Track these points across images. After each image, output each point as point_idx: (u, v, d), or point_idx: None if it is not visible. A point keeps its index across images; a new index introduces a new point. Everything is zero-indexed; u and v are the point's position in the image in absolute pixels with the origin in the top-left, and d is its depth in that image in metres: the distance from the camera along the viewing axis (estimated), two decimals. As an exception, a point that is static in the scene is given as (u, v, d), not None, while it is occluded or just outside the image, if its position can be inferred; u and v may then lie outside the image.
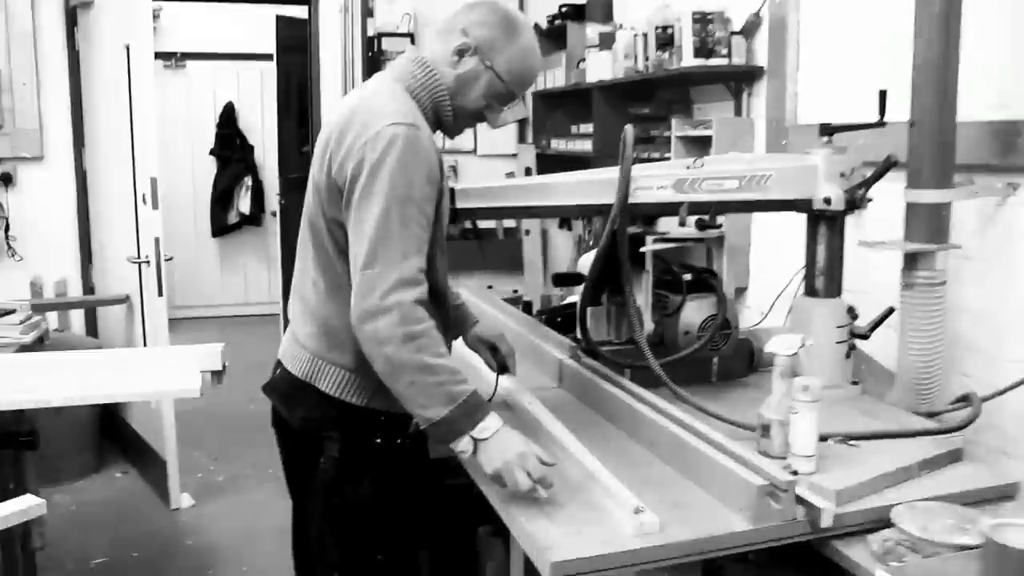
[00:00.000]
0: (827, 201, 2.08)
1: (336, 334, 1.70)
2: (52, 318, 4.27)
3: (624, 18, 3.93)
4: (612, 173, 1.98)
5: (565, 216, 4.10)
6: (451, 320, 1.89)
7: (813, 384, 1.67)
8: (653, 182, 2.04)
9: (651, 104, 3.77)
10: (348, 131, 1.64)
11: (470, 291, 2.93)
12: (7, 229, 4.32)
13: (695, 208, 2.07)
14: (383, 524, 1.76)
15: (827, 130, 2.14)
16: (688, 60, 3.13)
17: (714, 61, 3.12)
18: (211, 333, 6.10)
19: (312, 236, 1.75)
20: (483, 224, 4.33)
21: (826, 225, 2.14)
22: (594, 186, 2.01)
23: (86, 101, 4.43)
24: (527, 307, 3.50)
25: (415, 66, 1.74)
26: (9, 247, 4.34)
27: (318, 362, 1.74)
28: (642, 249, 2.16)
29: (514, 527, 1.52)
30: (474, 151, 5.18)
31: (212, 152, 7.60)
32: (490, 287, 4.30)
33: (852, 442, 1.81)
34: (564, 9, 4.39)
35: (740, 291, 3.23)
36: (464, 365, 1.87)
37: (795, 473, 1.60)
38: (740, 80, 3.19)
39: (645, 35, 3.41)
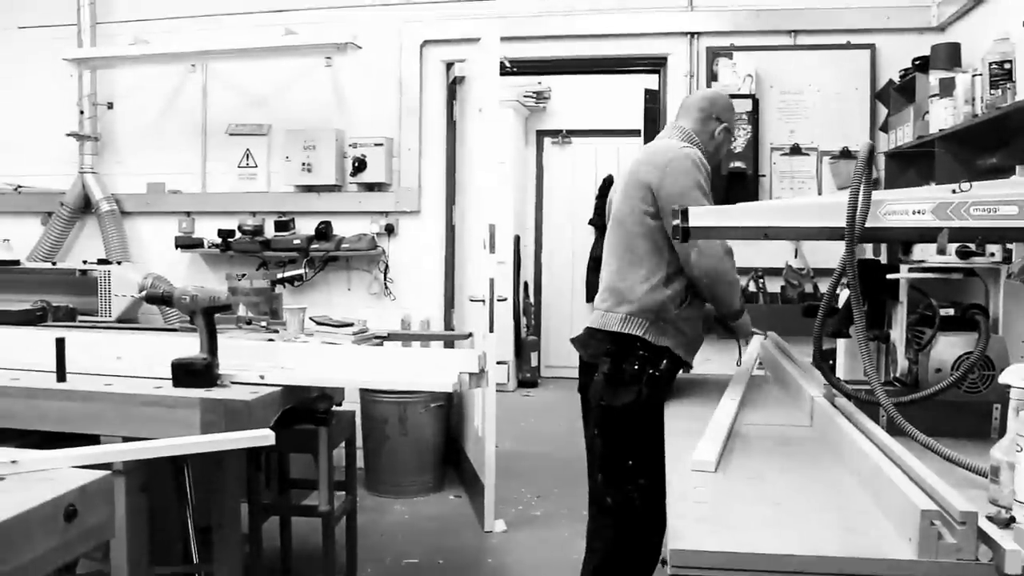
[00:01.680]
0: None
1: (620, 293, 2.63)
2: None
3: (974, 61, 3.62)
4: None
5: (805, 238, 3.91)
6: None
7: (1044, 419, 1.44)
8: (908, 206, 1.90)
9: (1000, 153, 3.40)
10: (653, 158, 2.65)
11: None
12: (387, 272, 5.09)
13: (964, 236, 1.89)
14: (636, 433, 2.51)
15: None
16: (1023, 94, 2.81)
17: (1058, 95, 2.77)
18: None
19: (619, 238, 2.69)
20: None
21: None
22: (833, 209, 1.93)
23: (458, 163, 5.10)
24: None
25: (686, 134, 2.74)
26: (387, 288, 5.09)
27: (607, 314, 2.65)
28: (890, 276, 2.00)
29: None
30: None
31: (591, 222, 8.13)
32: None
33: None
34: (916, 62, 4.13)
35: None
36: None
37: (1012, 519, 1.40)
38: (1094, 117, 2.79)
39: (981, 75, 3.12)
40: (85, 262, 4.95)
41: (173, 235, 5.26)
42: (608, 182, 8.22)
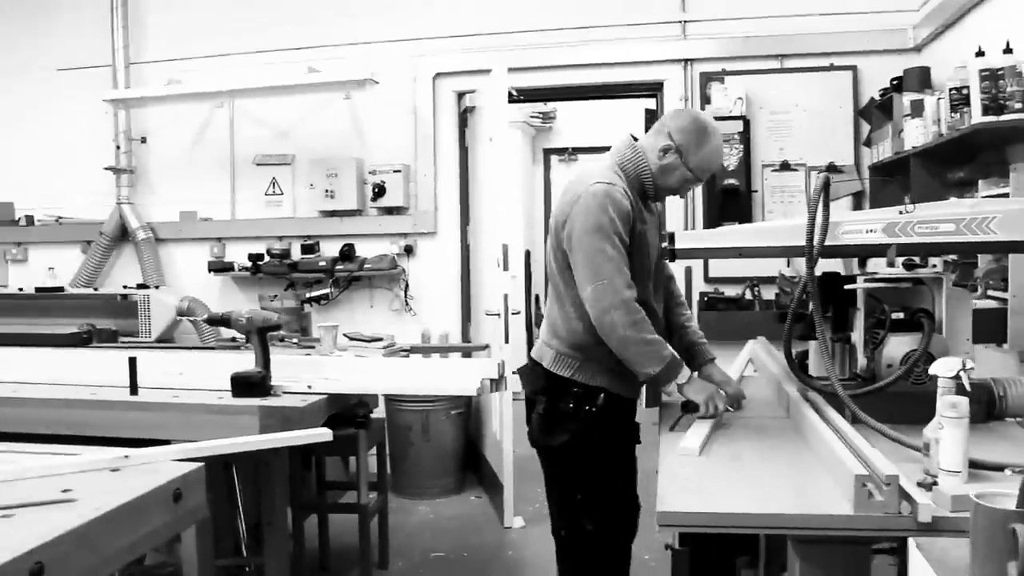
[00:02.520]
0: (1061, 244, 2.12)
1: (552, 327, 2.53)
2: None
3: (948, 81, 3.96)
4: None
5: (774, 256, 4.09)
6: (684, 353, 2.57)
7: (960, 402, 1.78)
8: (862, 226, 2.26)
9: (967, 168, 3.74)
10: (568, 192, 2.46)
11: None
12: (407, 290, 5.46)
13: (911, 250, 2.24)
14: (579, 471, 2.49)
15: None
16: (977, 118, 3.15)
17: (1007, 117, 3.11)
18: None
19: (557, 274, 2.52)
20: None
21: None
22: (796, 231, 2.28)
23: (471, 186, 5.47)
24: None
25: (628, 149, 2.51)
26: (407, 304, 5.46)
27: (543, 346, 2.56)
28: (847, 287, 2.34)
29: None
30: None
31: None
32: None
33: (1032, 473, 1.85)
34: (894, 81, 4.48)
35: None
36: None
37: (935, 483, 1.74)
38: (1041, 136, 3.12)
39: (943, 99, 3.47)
40: (125, 287, 5.34)
41: (205, 260, 5.63)
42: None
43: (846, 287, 2.36)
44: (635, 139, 2.54)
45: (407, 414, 4.95)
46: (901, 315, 2.32)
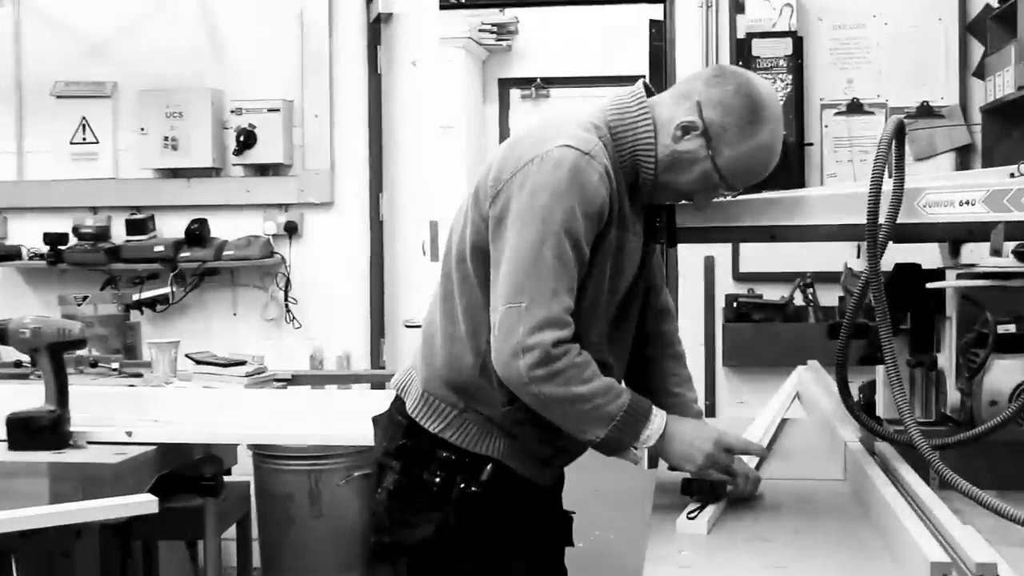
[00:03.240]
0: None
1: (433, 349, 2.34)
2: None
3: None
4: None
5: (822, 239, 4.17)
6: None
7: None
8: (953, 196, 2.30)
9: None
10: (515, 148, 2.22)
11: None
12: (287, 289, 5.45)
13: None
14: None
15: None
16: None
17: None
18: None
19: (451, 275, 2.33)
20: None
21: None
22: (854, 201, 2.31)
23: (387, 134, 5.46)
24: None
25: (633, 104, 2.25)
26: (288, 311, 5.45)
27: (409, 377, 2.41)
28: (930, 286, 2.38)
29: None
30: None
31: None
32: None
33: None
34: (1018, -17, 4.56)
35: None
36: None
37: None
38: None
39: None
40: None
41: (-25, 243, 5.59)
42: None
43: (929, 286, 2.39)
44: (650, 92, 2.32)
45: (286, 476, 4.92)
46: (1012, 328, 2.36)
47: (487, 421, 2.29)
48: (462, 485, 2.28)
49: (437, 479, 2.29)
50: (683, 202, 2.34)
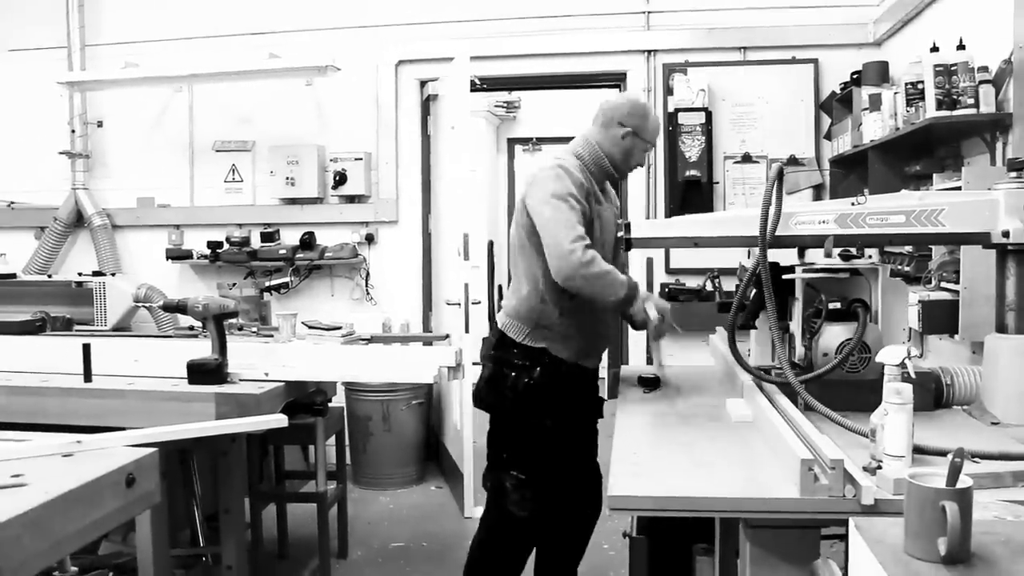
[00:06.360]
0: (1006, 235, 2.19)
1: (513, 297, 2.84)
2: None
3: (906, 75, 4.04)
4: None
5: (729, 246, 4.20)
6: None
7: (904, 389, 1.84)
8: (815, 216, 2.32)
9: (924, 162, 3.83)
10: (529, 176, 2.83)
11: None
12: (367, 278, 5.47)
13: (848, 242, 2.31)
14: (512, 432, 2.81)
15: (1015, 165, 2.24)
16: (931, 112, 3.23)
17: (960, 112, 3.19)
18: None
19: (514, 252, 2.84)
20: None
21: (1014, 260, 2.23)
22: (750, 221, 2.33)
23: (433, 174, 5.48)
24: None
25: (583, 141, 2.88)
26: (368, 294, 5.47)
27: (503, 315, 2.87)
28: (785, 276, 2.39)
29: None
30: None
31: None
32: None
33: (975, 459, 1.91)
34: (854, 75, 4.57)
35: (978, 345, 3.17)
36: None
37: (879, 467, 1.80)
38: (992, 130, 3.21)
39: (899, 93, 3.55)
40: (80, 274, 5.29)
41: (163, 247, 5.59)
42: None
43: (784, 277, 2.41)
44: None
45: (367, 403, 4.96)
46: (838, 305, 2.39)
47: (546, 330, 2.77)
48: (530, 368, 2.76)
49: (516, 363, 2.78)
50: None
